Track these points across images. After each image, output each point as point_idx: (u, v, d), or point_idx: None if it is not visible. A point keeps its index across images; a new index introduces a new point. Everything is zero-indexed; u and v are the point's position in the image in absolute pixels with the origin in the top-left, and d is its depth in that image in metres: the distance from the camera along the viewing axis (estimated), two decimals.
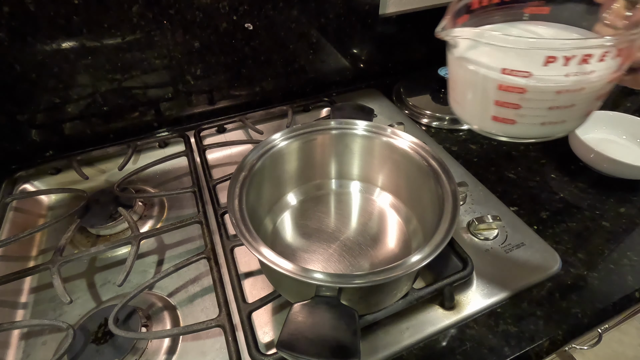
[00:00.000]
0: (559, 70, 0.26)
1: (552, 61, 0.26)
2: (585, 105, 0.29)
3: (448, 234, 0.33)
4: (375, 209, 0.49)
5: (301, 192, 0.50)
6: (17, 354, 0.39)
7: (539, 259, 0.44)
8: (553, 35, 0.33)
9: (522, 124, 0.30)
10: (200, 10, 0.55)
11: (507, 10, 0.34)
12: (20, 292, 0.44)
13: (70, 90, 0.56)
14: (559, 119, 0.29)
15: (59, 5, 0.48)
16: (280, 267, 0.31)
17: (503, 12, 0.34)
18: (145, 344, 0.38)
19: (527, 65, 0.27)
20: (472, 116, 0.34)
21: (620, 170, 0.53)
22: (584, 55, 0.25)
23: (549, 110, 0.28)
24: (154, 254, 0.48)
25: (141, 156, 0.62)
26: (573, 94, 0.27)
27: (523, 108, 0.29)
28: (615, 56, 0.26)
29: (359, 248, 0.44)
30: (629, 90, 0.80)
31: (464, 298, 0.41)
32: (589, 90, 0.28)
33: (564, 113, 0.29)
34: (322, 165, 0.50)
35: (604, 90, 0.29)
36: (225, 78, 0.64)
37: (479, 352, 0.36)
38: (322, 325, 0.28)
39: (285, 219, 0.48)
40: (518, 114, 0.29)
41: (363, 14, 0.67)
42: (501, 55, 0.28)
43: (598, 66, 0.26)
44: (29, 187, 0.57)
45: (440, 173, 0.39)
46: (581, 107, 0.29)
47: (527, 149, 0.62)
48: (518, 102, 0.28)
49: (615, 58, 0.26)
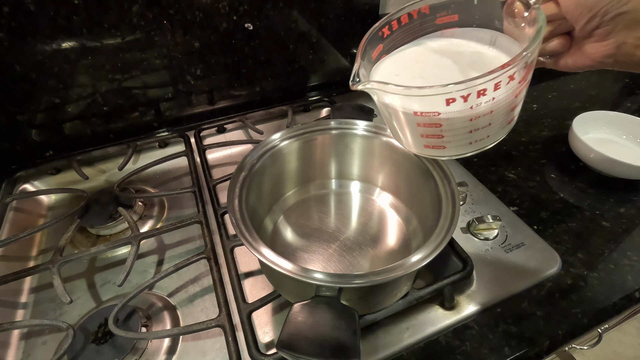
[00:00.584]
0: (463, 106, 0.27)
1: (452, 101, 0.27)
2: (503, 119, 0.30)
3: (448, 234, 0.33)
4: (375, 209, 0.49)
5: (301, 192, 0.50)
6: (17, 354, 0.39)
7: (539, 259, 0.44)
8: (465, 47, 0.34)
9: (451, 148, 0.32)
10: (200, 10, 0.55)
11: (420, 26, 0.35)
12: (20, 292, 0.44)
13: (70, 90, 0.56)
14: (483, 136, 0.31)
15: (59, 5, 0.48)
16: (280, 267, 0.31)
17: (416, 28, 0.35)
18: (145, 344, 0.38)
19: (433, 107, 0.28)
20: (410, 146, 0.36)
21: (620, 170, 0.53)
22: (479, 90, 0.26)
23: (470, 133, 0.30)
24: (154, 254, 0.48)
25: (141, 156, 0.62)
26: (485, 117, 0.29)
27: (446, 137, 0.30)
28: (512, 80, 0.27)
29: (359, 248, 0.44)
30: (629, 90, 0.80)
31: (464, 298, 0.41)
32: (499, 109, 0.29)
33: (485, 131, 0.30)
34: (322, 165, 0.50)
35: (515, 102, 0.30)
36: (225, 78, 0.64)
37: (479, 352, 0.36)
38: (322, 325, 0.28)
39: (285, 219, 0.48)
40: (444, 142, 0.31)
41: (363, 14, 0.67)
42: (410, 100, 0.30)
43: (498, 92, 0.27)
44: (29, 187, 0.57)
45: (440, 173, 0.39)
46: (499, 121, 0.30)
47: (527, 149, 0.62)
48: (440, 134, 0.30)
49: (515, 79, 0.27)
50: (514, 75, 0.26)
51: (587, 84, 0.81)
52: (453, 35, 0.34)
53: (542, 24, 0.27)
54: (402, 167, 0.45)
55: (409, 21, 0.34)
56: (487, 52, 0.33)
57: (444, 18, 0.33)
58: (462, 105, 0.27)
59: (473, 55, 0.33)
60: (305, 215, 0.48)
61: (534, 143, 0.64)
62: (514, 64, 0.25)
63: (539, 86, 0.80)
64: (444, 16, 0.33)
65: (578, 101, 0.75)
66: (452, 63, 0.33)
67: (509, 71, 0.26)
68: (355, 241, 0.45)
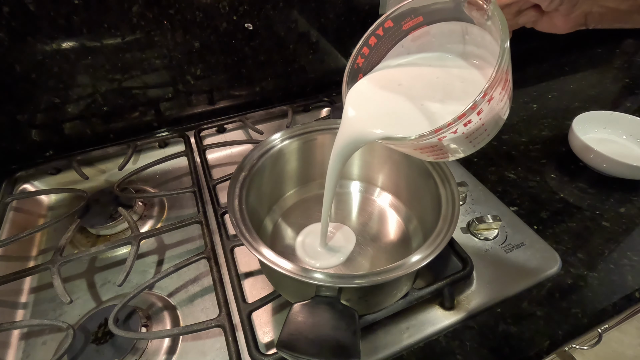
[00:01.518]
0: (454, 135, 0.27)
1: (443, 137, 0.27)
2: (498, 118, 0.30)
3: (448, 234, 0.33)
4: (375, 209, 0.49)
5: (301, 192, 0.50)
6: (17, 354, 0.39)
7: (539, 259, 0.44)
8: (436, 62, 0.34)
9: (455, 154, 0.31)
10: (200, 10, 0.55)
11: (389, 37, 0.35)
12: (20, 292, 0.44)
13: (70, 90, 0.56)
14: (484, 137, 0.30)
15: (59, 5, 0.48)
16: (280, 267, 0.31)
17: (387, 41, 0.35)
18: (145, 344, 0.38)
19: (430, 142, 0.28)
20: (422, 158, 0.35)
21: (620, 170, 0.53)
22: (464, 123, 0.25)
23: (470, 142, 0.30)
24: (154, 254, 0.48)
25: (141, 156, 0.62)
26: (479, 129, 0.28)
27: (448, 150, 0.30)
28: (492, 99, 0.26)
29: (359, 248, 0.44)
30: (629, 91, 0.80)
31: (464, 298, 0.41)
32: (491, 118, 0.28)
33: (484, 134, 0.30)
34: (322, 165, 0.50)
35: (505, 101, 0.29)
36: (225, 78, 0.64)
37: (479, 352, 0.36)
38: (322, 325, 0.28)
39: (285, 219, 0.48)
40: (447, 153, 0.31)
41: (363, 14, 0.67)
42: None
43: (484, 113, 0.26)
44: (29, 187, 0.57)
45: (440, 173, 0.39)
46: (494, 122, 0.29)
47: (527, 149, 0.62)
48: (440, 150, 0.30)
49: None
50: (492, 95, 0.25)
51: (587, 84, 0.81)
52: (424, 35, 0.34)
53: (505, 30, 0.25)
54: (402, 167, 0.45)
55: (377, 41, 0.34)
56: (461, 64, 0.33)
57: (410, 22, 0.33)
58: (454, 135, 0.27)
59: (447, 74, 0.33)
60: (305, 215, 0.48)
61: (534, 143, 0.64)
62: (490, 91, 0.24)
63: (539, 86, 0.80)
64: (408, 21, 0.33)
65: (578, 101, 0.75)
66: (430, 91, 0.32)
67: (487, 97, 0.25)
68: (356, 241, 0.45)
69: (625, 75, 0.85)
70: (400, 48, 0.35)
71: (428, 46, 0.34)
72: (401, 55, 0.35)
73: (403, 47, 0.35)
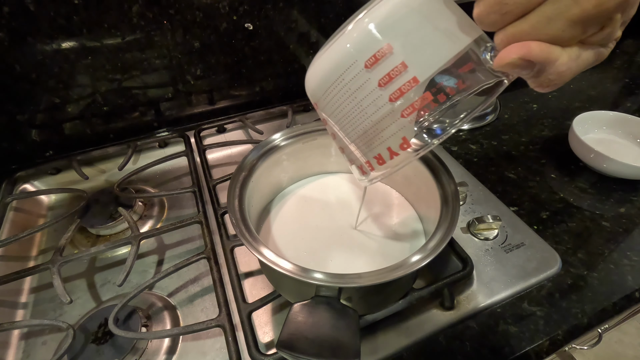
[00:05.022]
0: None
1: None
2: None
3: (448, 234, 0.33)
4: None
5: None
6: (17, 354, 0.39)
7: (539, 259, 0.44)
8: None
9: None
10: (200, 10, 0.55)
11: None
12: (20, 292, 0.44)
13: (70, 90, 0.56)
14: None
15: (59, 5, 0.48)
16: (280, 267, 0.31)
17: None
18: (145, 344, 0.38)
19: None
20: None
21: (620, 170, 0.53)
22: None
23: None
24: (154, 254, 0.48)
25: (141, 156, 0.62)
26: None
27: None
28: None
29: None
30: (629, 90, 0.80)
31: (464, 298, 0.41)
32: None
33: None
34: (322, 165, 0.50)
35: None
36: (225, 78, 0.64)
37: (479, 352, 0.36)
38: (322, 325, 0.28)
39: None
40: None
41: None
42: None
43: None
44: (29, 187, 0.57)
45: (440, 173, 0.39)
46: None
47: (527, 149, 0.62)
48: None
49: None
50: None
51: (587, 84, 0.81)
52: None
53: None
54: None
55: None
56: None
57: None
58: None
59: None
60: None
61: (534, 143, 0.64)
62: None
63: None
64: None
65: (578, 101, 0.75)
66: None
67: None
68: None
69: (625, 75, 0.85)
70: None
71: None
72: None
73: None
